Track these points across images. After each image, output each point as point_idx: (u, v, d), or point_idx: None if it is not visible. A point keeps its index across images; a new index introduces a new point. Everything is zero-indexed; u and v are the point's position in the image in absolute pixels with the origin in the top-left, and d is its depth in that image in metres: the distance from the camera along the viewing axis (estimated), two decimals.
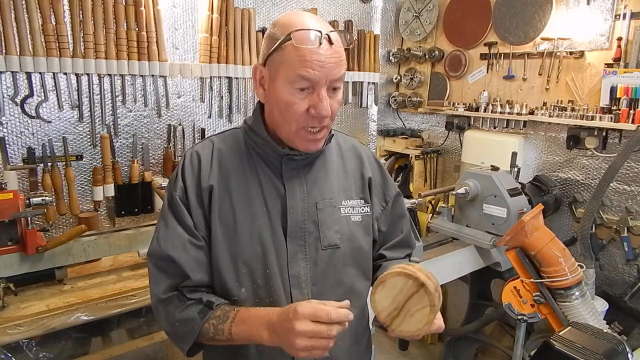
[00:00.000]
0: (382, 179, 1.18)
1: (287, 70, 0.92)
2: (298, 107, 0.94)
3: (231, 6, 2.47)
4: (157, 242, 1.01)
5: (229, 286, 1.00)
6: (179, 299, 0.98)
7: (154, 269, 1.01)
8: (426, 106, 3.30)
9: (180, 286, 0.99)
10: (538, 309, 1.83)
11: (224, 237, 1.00)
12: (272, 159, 1.04)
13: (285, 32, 0.92)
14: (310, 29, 0.91)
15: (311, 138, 0.98)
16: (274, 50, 0.94)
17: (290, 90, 0.93)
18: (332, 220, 1.05)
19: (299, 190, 1.04)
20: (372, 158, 1.20)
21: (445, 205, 2.50)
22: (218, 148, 1.06)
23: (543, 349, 1.15)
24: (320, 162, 1.08)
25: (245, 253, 1.00)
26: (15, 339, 1.49)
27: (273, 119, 1.01)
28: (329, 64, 0.91)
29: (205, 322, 0.95)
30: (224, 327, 0.94)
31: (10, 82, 1.93)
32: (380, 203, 1.16)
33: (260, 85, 1.01)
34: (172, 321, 0.97)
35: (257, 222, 1.01)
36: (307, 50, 0.90)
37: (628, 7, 2.23)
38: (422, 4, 3.18)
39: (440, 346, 3.14)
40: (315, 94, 0.93)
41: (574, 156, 2.53)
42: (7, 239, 1.63)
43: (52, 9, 1.94)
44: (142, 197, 2.31)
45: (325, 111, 0.93)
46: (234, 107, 2.62)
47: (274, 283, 1.00)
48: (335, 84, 0.95)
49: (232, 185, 1.02)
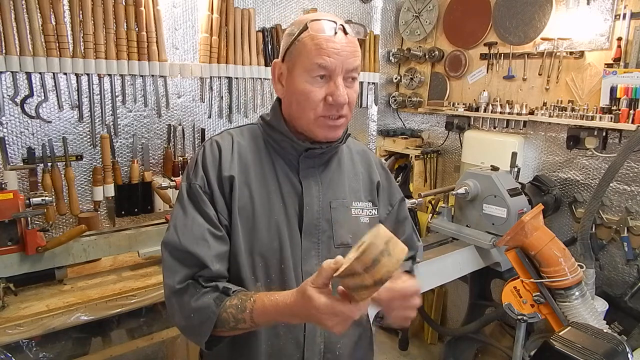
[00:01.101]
0: (388, 184, 1.21)
1: (304, 59, 0.96)
2: (315, 96, 0.96)
3: (231, 6, 2.47)
4: (175, 232, 0.97)
5: (244, 279, 1.01)
6: (194, 287, 0.94)
7: (169, 259, 0.97)
8: (426, 106, 3.30)
9: (196, 275, 0.96)
10: (538, 309, 1.83)
11: (243, 229, 1.00)
12: (290, 155, 1.05)
13: (302, 25, 0.97)
14: (325, 19, 0.96)
15: (330, 124, 0.99)
16: (292, 44, 0.98)
17: (307, 79, 0.96)
18: (344, 220, 1.07)
19: (315, 189, 1.05)
20: (379, 164, 1.22)
21: (445, 205, 2.50)
22: (237, 141, 1.07)
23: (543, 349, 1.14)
24: (336, 162, 1.11)
25: (262, 246, 1.01)
26: (15, 339, 1.49)
27: (291, 112, 1.02)
28: (344, 52, 0.95)
29: (222, 311, 0.91)
30: (244, 316, 0.90)
31: (10, 82, 1.94)
32: (386, 207, 1.18)
33: (279, 81, 1.04)
34: (187, 312, 0.93)
35: (274, 216, 1.02)
36: (324, 38, 0.94)
37: (628, 7, 2.23)
38: (422, 4, 3.18)
39: (440, 346, 3.14)
40: (332, 82, 0.96)
41: (574, 156, 2.53)
42: (7, 239, 1.62)
43: (52, 9, 1.95)
44: (142, 197, 2.32)
45: (342, 98, 0.95)
46: (234, 107, 2.62)
47: (287, 278, 1.01)
48: (351, 73, 0.98)
49: (251, 178, 1.03)
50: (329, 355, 1.06)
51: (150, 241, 1.99)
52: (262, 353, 1.03)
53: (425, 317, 2.98)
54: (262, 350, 1.03)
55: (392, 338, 3.30)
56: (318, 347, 1.04)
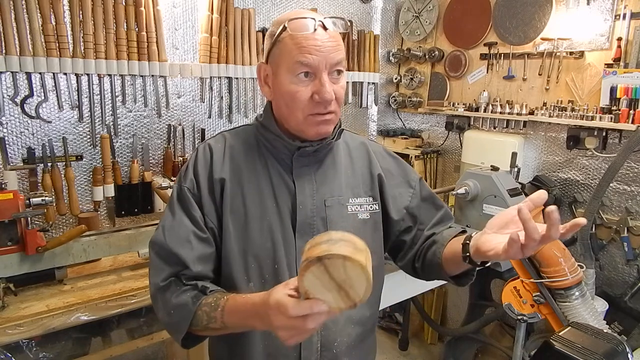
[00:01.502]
0: (399, 168, 1.19)
1: (286, 60, 0.95)
2: (301, 95, 0.95)
3: (231, 6, 2.47)
4: (162, 232, 1.00)
5: (237, 280, 1.01)
6: (175, 284, 0.97)
7: (155, 258, 1.00)
8: (426, 106, 3.30)
9: (180, 273, 0.98)
10: (538, 309, 1.83)
11: (235, 230, 1.01)
12: (283, 155, 1.05)
13: (281, 25, 0.96)
14: (303, 17, 0.95)
15: (320, 120, 0.98)
16: (273, 45, 0.97)
17: (292, 79, 0.95)
18: (340, 217, 1.06)
19: (309, 187, 1.04)
20: (383, 153, 1.20)
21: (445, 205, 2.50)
22: (230, 143, 1.07)
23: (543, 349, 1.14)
24: (330, 159, 1.09)
25: (255, 247, 1.01)
26: (15, 339, 1.49)
27: (281, 113, 1.02)
28: (326, 48, 0.94)
29: (197, 309, 0.92)
30: (216, 315, 0.91)
31: (10, 82, 1.93)
32: (407, 191, 1.16)
33: (266, 83, 1.03)
34: (169, 309, 0.96)
35: (267, 217, 1.02)
36: (303, 36, 0.93)
37: (628, 7, 2.23)
38: (422, 4, 3.18)
39: (440, 346, 3.14)
40: (317, 79, 0.95)
41: (573, 156, 2.53)
42: (7, 239, 1.62)
43: (52, 9, 1.94)
44: (142, 197, 2.31)
45: (328, 95, 0.94)
46: (233, 107, 2.62)
47: (282, 279, 1.00)
48: (335, 67, 0.97)
49: (243, 179, 1.03)
50: (326, 353, 1.05)
51: None
52: (259, 352, 1.03)
53: (425, 317, 2.98)
54: (259, 349, 1.03)
55: (392, 338, 3.30)
56: (315, 346, 1.04)
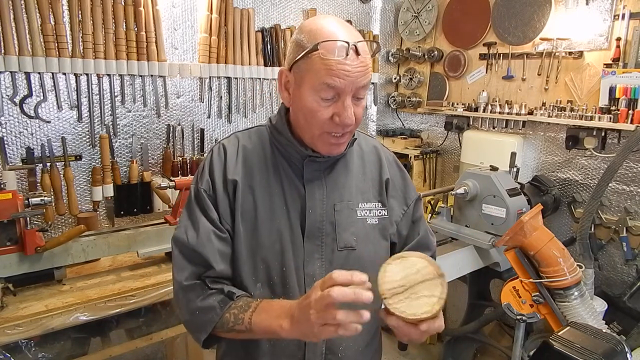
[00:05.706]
0: (403, 182, 1.19)
1: (313, 78, 0.93)
2: (322, 115, 0.95)
3: (230, 6, 2.47)
4: (185, 231, 1.01)
5: (245, 281, 1.02)
6: (201, 288, 0.99)
7: (179, 256, 1.01)
8: (425, 106, 3.30)
9: (203, 275, 1.00)
10: (537, 309, 1.83)
11: (245, 231, 1.02)
12: (294, 159, 1.06)
13: (313, 41, 0.92)
14: (337, 40, 0.91)
15: (334, 142, 0.99)
16: (300, 58, 0.94)
17: (315, 97, 0.94)
18: (349, 222, 1.06)
19: (319, 192, 1.05)
20: (392, 161, 1.20)
21: (445, 205, 2.50)
22: (243, 144, 1.08)
23: (542, 349, 1.15)
24: (342, 164, 1.10)
25: (264, 249, 1.02)
26: (14, 339, 1.49)
27: (297, 123, 1.03)
28: (354, 73, 0.91)
29: (225, 312, 0.95)
30: (244, 316, 0.93)
31: (9, 82, 1.93)
32: (402, 207, 1.16)
33: (286, 89, 1.02)
34: (193, 309, 0.98)
35: (277, 220, 1.02)
36: (334, 60, 0.90)
37: (627, 7, 2.24)
38: (421, 4, 3.18)
39: (439, 346, 3.14)
40: (340, 102, 0.94)
41: (573, 156, 2.53)
42: (6, 239, 1.62)
43: (50, 9, 1.94)
44: (141, 197, 2.31)
45: (349, 120, 0.94)
46: (233, 107, 2.62)
47: (289, 281, 1.02)
48: (360, 92, 0.96)
49: (255, 182, 1.04)
50: (330, 356, 1.06)
51: (149, 241, 1.99)
52: (264, 352, 1.04)
53: None
54: (264, 349, 1.04)
55: (391, 338, 3.29)
56: (320, 349, 1.05)
